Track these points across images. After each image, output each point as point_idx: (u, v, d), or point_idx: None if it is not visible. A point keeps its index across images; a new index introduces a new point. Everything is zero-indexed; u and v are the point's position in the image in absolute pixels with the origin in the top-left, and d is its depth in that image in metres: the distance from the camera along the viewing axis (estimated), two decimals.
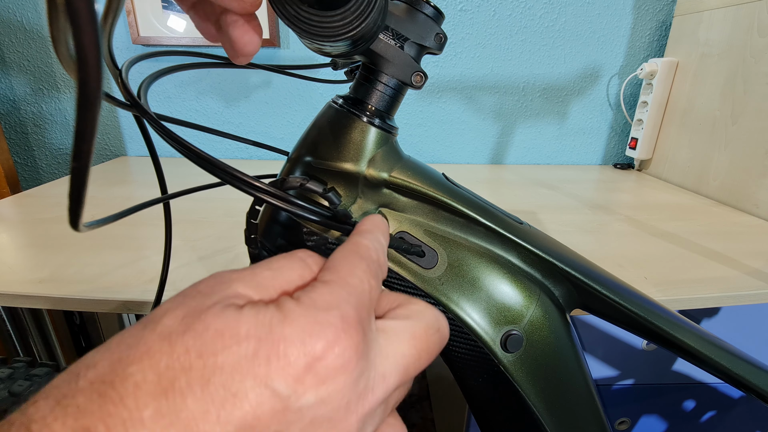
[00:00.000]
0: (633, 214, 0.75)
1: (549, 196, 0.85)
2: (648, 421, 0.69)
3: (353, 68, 0.32)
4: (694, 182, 0.90)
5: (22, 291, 0.44)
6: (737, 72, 0.80)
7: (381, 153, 0.24)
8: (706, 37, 0.87)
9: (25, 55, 0.96)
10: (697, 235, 0.65)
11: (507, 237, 0.25)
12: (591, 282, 0.26)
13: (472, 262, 0.25)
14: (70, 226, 0.14)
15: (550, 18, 1.01)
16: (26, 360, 0.50)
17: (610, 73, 1.07)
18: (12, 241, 0.56)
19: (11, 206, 0.69)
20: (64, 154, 1.05)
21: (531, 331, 0.25)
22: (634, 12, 1.02)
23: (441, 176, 0.26)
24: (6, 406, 0.42)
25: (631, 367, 0.64)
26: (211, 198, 0.71)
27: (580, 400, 0.28)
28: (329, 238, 0.24)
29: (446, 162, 1.12)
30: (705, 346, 0.27)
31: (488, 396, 0.27)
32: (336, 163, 0.23)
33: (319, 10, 0.17)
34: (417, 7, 0.22)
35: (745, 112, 0.78)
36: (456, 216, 0.25)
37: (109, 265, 0.49)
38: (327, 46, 0.19)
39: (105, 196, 0.76)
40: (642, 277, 0.52)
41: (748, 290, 0.50)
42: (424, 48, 0.23)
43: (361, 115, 0.23)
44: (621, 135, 1.13)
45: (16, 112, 1.00)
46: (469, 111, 1.07)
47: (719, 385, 0.66)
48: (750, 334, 0.63)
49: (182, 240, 0.56)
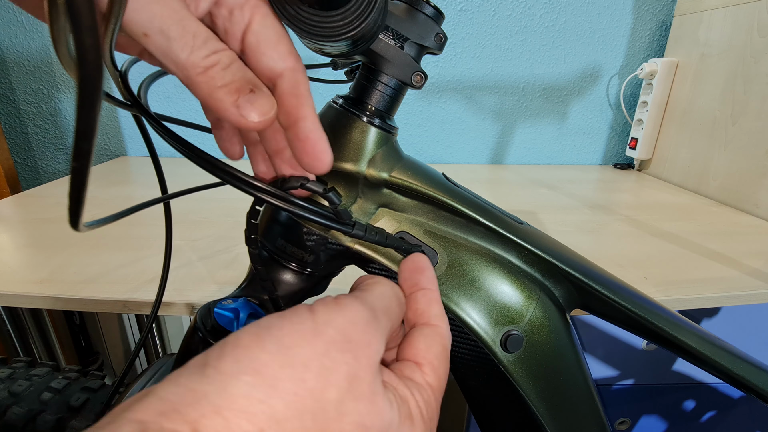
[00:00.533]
0: (633, 214, 0.75)
1: (549, 196, 0.85)
2: (648, 421, 0.69)
3: (353, 68, 0.32)
4: (694, 182, 0.90)
5: (22, 291, 0.44)
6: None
7: (381, 153, 0.24)
8: (706, 37, 0.87)
9: (25, 55, 0.96)
10: (697, 235, 0.65)
11: (507, 237, 0.25)
12: (591, 282, 0.26)
13: (472, 262, 0.25)
14: (70, 226, 0.14)
15: (550, 18, 1.01)
16: (26, 360, 0.50)
17: (610, 73, 1.07)
18: (12, 241, 0.56)
19: (11, 206, 0.69)
20: (64, 154, 1.05)
21: (531, 331, 0.25)
22: (634, 12, 1.02)
23: (441, 176, 0.26)
24: (6, 406, 0.42)
25: (631, 367, 0.64)
26: (211, 198, 0.71)
27: (580, 400, 0.28)
28: (329, 238, 0.24)
29: (446, 162, 1.12)
30: (705, 346, 0.27)
31: (488, 396, 0.27)
32: (336, 162, 0.23)
33: (319, 10, 0.17)
34: (417, 7, 0.22)
35: (745, 112, 0.78)
36: (456, 216, 0.25)
37: (109, 265, 0.49)
38: (327, 46, 0.19)
39: (105, 196, 0.76)
40: (642, 277, 0.52)
41: (748, 290, 0.50)
42: (424, 48, 0.23)
43: (361, 115, 0.23)
44: (621, 135, 1.13)
45: (16, 112, 1.00)
46: (469, 111, 1.07)
47: (719, 385, 0.66)
48: (750, 334, 0.63)
49: (182, 240, 0.56)
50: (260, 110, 0.16)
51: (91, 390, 0.47)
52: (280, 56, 0.17)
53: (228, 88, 0.16)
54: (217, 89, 0.15)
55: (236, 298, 0.25)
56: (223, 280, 0.47)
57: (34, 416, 0.41)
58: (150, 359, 1.01)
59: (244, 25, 0.17)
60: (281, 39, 0.17)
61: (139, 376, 0.47)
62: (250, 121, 0.16)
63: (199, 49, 0.15)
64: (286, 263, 0.25)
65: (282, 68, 0.17)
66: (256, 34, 0.17)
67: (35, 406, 0.43)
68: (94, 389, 0.47)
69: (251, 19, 0.17)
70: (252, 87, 0.16)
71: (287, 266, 0.25)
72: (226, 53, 0.16)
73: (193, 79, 0.15)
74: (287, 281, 0.25)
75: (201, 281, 0.46)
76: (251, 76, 0.16)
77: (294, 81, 0.17)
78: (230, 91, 0.16)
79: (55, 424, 0.41)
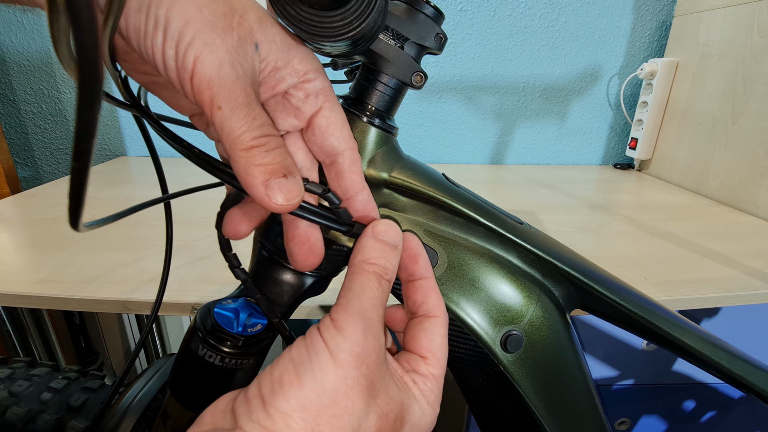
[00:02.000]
0: (633, 214, 0.75)
1: (549, 196, 0.85)
2: (648, 421, 0.69)
3: (353, 68, 0.32)
4: (694, 182, 0.90)
5: (22, 291, 0.44)
6: (737, 72, 0.80)
7: (381, 153, 0.24)
8: (706, 37, 0.87)
9: (25, 56, 0.96)
10: (697, 235, 0.65)
11: (507, 237, 0.25)
12: (591, 282, 0.26)
13: (472, 262, 0.25)
14: (70, 226, 0.14)
15: (550, 18, 1.01)
16: (26, 360, 0.50)
17: (610, 73, 1.07)
18: (12, 241, 0.56)
19: (11, 206, 0.69)
20: (64, 154, 1.05)
21: (531, 331, 0.25)
22: (634, 12, 1.02)
23: (441, 176, 0.26)
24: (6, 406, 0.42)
25: (631, 367, 0.64)
26: (211, 198, 0.71)
27: (580, 400, 0.28)
28: (329, 238, 0.24)
29: (446, 162, 1.12)
30: (705, 346, 0.27)
31: (488, 396, 0.27)
32: None
33: (319, 10, 0.17)
34: (417, 7, 0.22)
35: (745, 112, 0.78)
36: (456, 216, 0.25)
37: (109, 265, 0.49)
38: (327, 46, 0.19)
39: (105, 196, 0.76)
40: (642, 277, 0.52)
41: (748, 290, 0.50)
42: (424, 48, 0.23)
43: (361, 115, 0.23)
44: (621, 135, 1.13)
45: (16, 112, 1.00)
46: (469, 111, 1.07)
47: (719, 385, 0.66)
48: (750, 334, 0.63)
49: (182, 240, 0.56)
50: (287, 195, 0.17)
51: (91, 390, 0.47)
52: (344, 138, 0.21)
53: (264, 168, 0.16)
54: (254, 167, 0.16)
55: (236, 298, 0.25)
56: (223, 280, 0.47)
57: (33, 416, 0.42)
58: (150, 359, 1.01)
59: (316, 108, 0.20)
60: (345, 124, 0.21)
61: (139, 376, 0.47)
62: (273, 203, 0.16)
63: (253, 130, 0.17)
64: (286, 263, 0.25)
65: (344, 148, 0.21)
66: (326, 118, 0.20)
67: (35, 406, 0.43)
68: (94, 389, 0.47)
69: (323, 105, 0.20)
70: (286, 173, 0.17)
71: (287, 266, 0.25)
72: (275, 139, 0.17)
73: (236, 152, 0.16)
74: (287, 281, 0.25)
75: (201, 281, 0.46)
76: (290, 164, 0.17)
77: (354, 159, 0.21)
78: (265, 171, 0.16)
79: (55, 424, 0.41)
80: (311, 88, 0.20)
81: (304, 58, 0.20)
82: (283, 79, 0.19)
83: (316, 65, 0.20)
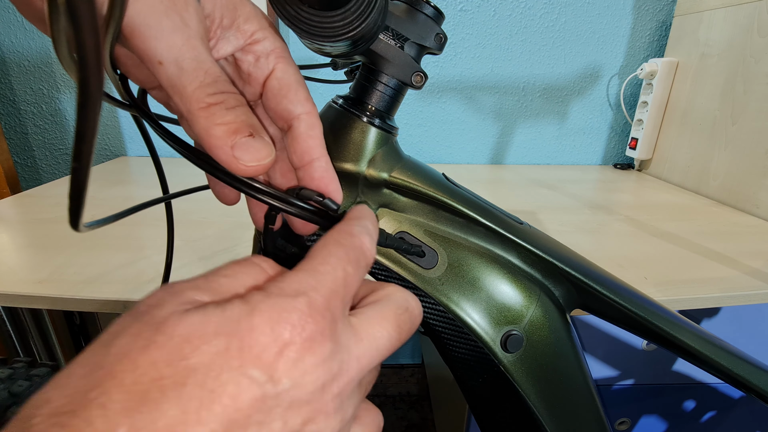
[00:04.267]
0: (633, 214, 0.75)
1: (549, 196, 0.85)
2: (648, 421, 0.69)
3: (353, 68, 0.32)
4: (694, 182, 0.90)
5: (22, 291, 0.44)
6: (737, 72, 0.80)
7: (381, 153, 0.24)
8: (706, 37, 0.87)
9: (25, 56, 0.96)
10: (697, 235, 0.65)
11: (507, 237, 0.25)
12: (591, 282, 0.26)
13: (472, 262, 0.25)
14: (70, 226, 0.14)
15: (550, 18, 1.01)
16: (26, 360, 0.50)
17: (610, 73, 1.07)
18: (12, 241, 0.56)
19: (11, 206, 0.69)
20: (64, 154, 1.05)
21: (531, 332, 0.25)
22: (634, 12, 1.02)
23: (441, 176, 0.26)
24: (6, 406, 0.42)
25: (631, 367, 0.64)
26: (211, 198, 0.71)
27: (580, 401, 0.28)
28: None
29: (446, 162, 1.12)
30: (705, 346, 0.27)
31: (488, 396, 0.27)
32: (336, 163, 0.23)
33: (319, 10, 0.17)
34: (417, 7, 0.22)
35: (745, 112, 0.78)
36: (456, 216, 0.25)
37: (109, 265, 0.49)
38: (327, 46, 0.19)
39: (105, 196, 0.76)
40: (642, 277, 0.52)
41: (748, 290, 0.50)
42: (424, 48, 0.23)
43: (361, 115, 0.23)
44: (621, 135, 1.13)
45: (16, 112, 1.00)
46: (469, 111, 1.07)
47: (719, 385, 0.66)
48: (750, 334, 0.63)
49: (182, 240, 0.56)
50: (256, 155, 0.15)
51: None
52: (299, 100, 0.19)
53: (227, 126, 0.15)
54: (215, 126, 0.15)
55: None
56: None
57: None
58: None
59: (268, 71, 0.18)
60: (300, 85, 0.19)
61: None
62: (241, 164, 0.15)
63: (207, 86, 0.15)
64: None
65: (300, 111, 0.19)
66: (278, 80, 0.18)
67: None
68: None
69: (275, 66, 0.18)
70: (252, 131, 0.15)
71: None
72: (234, 96, 0.16)
73: (194, 112, 0.15)
74: None
75: None
76: (254, 122, 0.16)
77: (310, 123, 0.19)
78: (228, 131, 0.15)
79: None
80: (261, 49, 0.18)
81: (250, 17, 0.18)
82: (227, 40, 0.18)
83: (264, 24, 0.19)
